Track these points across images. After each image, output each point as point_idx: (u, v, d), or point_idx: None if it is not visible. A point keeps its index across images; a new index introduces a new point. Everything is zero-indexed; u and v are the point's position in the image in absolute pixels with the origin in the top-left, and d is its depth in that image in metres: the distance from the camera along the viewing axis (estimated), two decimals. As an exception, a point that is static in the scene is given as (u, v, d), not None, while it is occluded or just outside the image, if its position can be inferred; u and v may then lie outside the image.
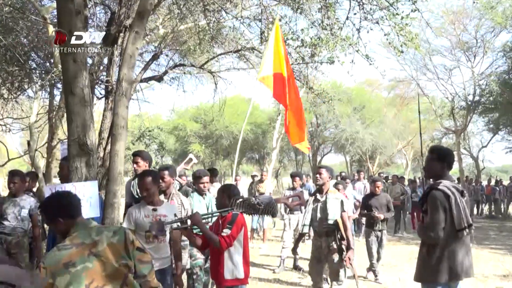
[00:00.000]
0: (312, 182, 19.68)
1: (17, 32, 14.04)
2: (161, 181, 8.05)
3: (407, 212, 21.78)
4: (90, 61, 12.33)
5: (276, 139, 29.46)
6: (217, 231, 5.98)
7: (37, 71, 16.37)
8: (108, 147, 9.75)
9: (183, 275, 7.00)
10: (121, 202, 6.78)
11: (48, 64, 16.47)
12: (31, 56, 16.10)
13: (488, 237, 20.24)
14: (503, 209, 30.69)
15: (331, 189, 9.14)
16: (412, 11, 10.50)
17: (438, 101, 40.81)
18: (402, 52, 11.50)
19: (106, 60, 12.92)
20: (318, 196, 9.10)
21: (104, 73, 12.98)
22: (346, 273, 8.83)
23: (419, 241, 5.91)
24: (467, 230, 5.65)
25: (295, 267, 13.07)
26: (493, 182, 31.91)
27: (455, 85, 35.67)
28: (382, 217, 11.78)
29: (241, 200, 6.24)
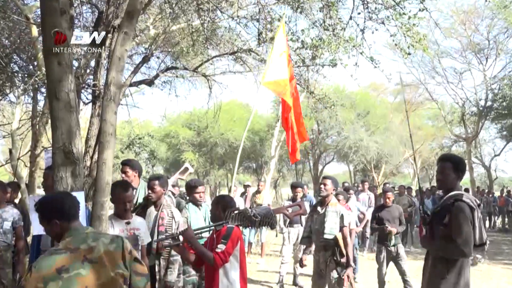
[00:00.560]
0: (316, 193, 19.70)
1: (-2, 33, 14.06)
2: (151, 191, 8.10)
3: (415, 225, 21.72)
4: (76, 63, 12.32)
5: (274, 147, 29.28)
6: (212, 246, 5.96)
7: (20, 74, 16.37)
8: (95, 156, 9.74)
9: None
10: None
11: (31, 67, 16.49)
12: (13, 58, 16.12)
13: (501, 251, 20.25)
14: (517, 222, 30.68)
15: (333, 201, 9.14)
16: (420, 10, 10.48)
17: (448, 106, 40.90)
18: (410, 54, 11.49)
19: (93, 63, 12.92)
20: (319, 208, 9.13)
21: (91, 77, 12.96)
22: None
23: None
24: (487, 245, 5.68)
25: (295, 283, 13.08)
26: (506, 193, 31.87)
27: (465, 89, 35.83)
28: (395, 230, 11.53)
29: (236, 212, 6.23)
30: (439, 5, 30.09)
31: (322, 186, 9.12)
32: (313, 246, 9.52)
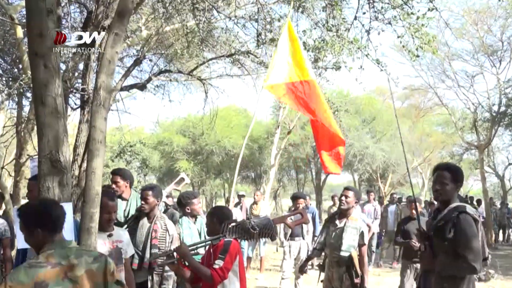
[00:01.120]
0: (317, 204, 19.64)
1: (-20, 34, 14.06)
2: (144, 202, 8.08)
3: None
4: (63, 66, 12.32)
5: (274, 156, 29.25)
6: (209, 262, 5.94)
7: (4, 78, 16.38)
8: (84, 165, 9.71)
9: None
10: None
11: (15, 70, 16.48)
12: (-4, 61, 16.12)
13: (516, 266, 20.20)
14: (533, 235, 30.66)
15: (354, 215, 9.00)
16: (429, 10, 10.50)
17: (459, 112, 40.72)
18: (418, 56, 11.50)
19: (81, 66, 12.92)
20: (337, 221, 9.00)
21: (80, 81, 12.95)
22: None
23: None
24: (489, 260, 5.69)
25: (296, 300, 13.05)
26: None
27: (478, 94, 35.43)
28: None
29: (234, 224, 6.21)
30: (450, 4, 30.11)
31: (343, 197, 8.94)
32: (315, 261, 9.46)
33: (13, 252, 10.34)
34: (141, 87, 14.00)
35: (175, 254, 6.06)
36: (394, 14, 11.09)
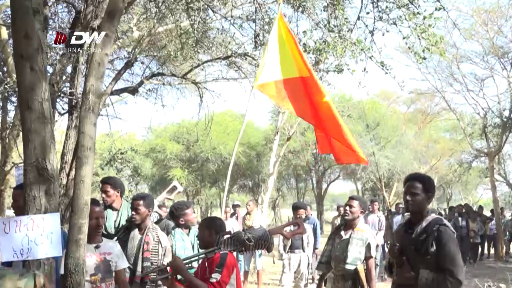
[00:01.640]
0: (318, 215, 19.63)
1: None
2: (134, 212, 8.05)
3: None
4: (50, 69, 12.31)
5: (273, 163, 29.22)
6: (204, 276, 5.93)
7: (-13, 82, 16.38)
8: (72, 173, 9.70)
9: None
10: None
11: (0, 73, 16.47)
12: (-21, 63, 16.13)
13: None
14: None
15: (360, 226, 8.96)
16: (436, 9, 10.49)
17: (468, 117, 40.77)
18: (425, 58, 11.50)
19: (69, 69, 12.91)
20: (342, 232, 8.97)
21: (68, 84, 12.94)
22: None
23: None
24: None
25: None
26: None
27: (488, 98, 35.44)
28: None
29: (228, 236, 6.21)
30: (458, 3, 30.07)
31: (347, 207, 8.91)
32: (316, 275, 9.43)
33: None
34: (133, 91, 13.99)
35: (168, 268, 6.05)
36: (399, 14, 11.09)
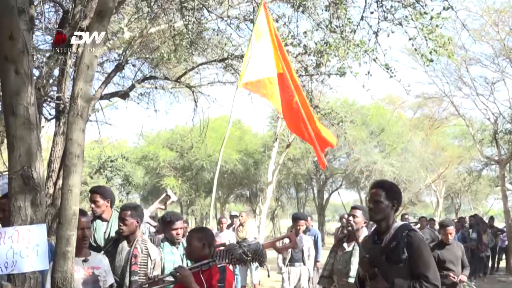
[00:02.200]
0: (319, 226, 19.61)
1: None
2: (121, 224, 7.98)
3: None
4: (36, 72, 12.31)
5: (272, 172, 29.23)
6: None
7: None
8: (60, 182, 9.71)
9: None
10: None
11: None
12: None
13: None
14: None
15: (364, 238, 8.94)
16: (444, 9, 10.48)
17: (477, 123, 40.74)
18: (432, 61, 11.51)
19: (57, 72, 12.91)
20: (345, 244, 8.96)
21: (55, 88, 12.94)
22: None
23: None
24: None
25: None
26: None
27: (498, 102, 35.51)
28: (464, 278, 10.92)
29: (223, 249, 6.21)
30: (467, 3, 30.12)
31: (350, 218, 8.92)
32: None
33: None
34: (123, 95, 13.99)
35: (168, 278, 6.02)
36: (405, 14, 11.10)
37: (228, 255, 6.15)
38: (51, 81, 13.44)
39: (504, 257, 30.00)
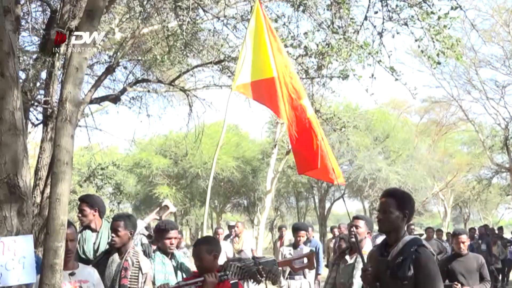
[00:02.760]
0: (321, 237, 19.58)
1: None
2: (114, 235, 7.92)
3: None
4: (23, 75, 12.30)
5: (271, 180, 29.21)
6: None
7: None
8: (48, 190, 9.70)
9: None
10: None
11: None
12: None
13: None
14: None
15: (367, 249, 8.89)
16: (452, 8, 10.46)
17: (487, 128, 40.74)
18: (439, 63, 11.50)
19: (44, 74, 12.89)
20: (347, 257, 8.94)
21: (42, 92, 12.93)
22: None
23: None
24: None
25: None
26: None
27: (509, 107, 35.51)
28: None
29: (238, 265, 6.18)
30: (476, 2, 30.10)
31: (353, 228, 8.87)
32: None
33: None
34: (114, 99, 13.98)
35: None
36: (411, 14, 11.08)
37: (242, 272, 6.13)
38: (38, 84, 13.45)
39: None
